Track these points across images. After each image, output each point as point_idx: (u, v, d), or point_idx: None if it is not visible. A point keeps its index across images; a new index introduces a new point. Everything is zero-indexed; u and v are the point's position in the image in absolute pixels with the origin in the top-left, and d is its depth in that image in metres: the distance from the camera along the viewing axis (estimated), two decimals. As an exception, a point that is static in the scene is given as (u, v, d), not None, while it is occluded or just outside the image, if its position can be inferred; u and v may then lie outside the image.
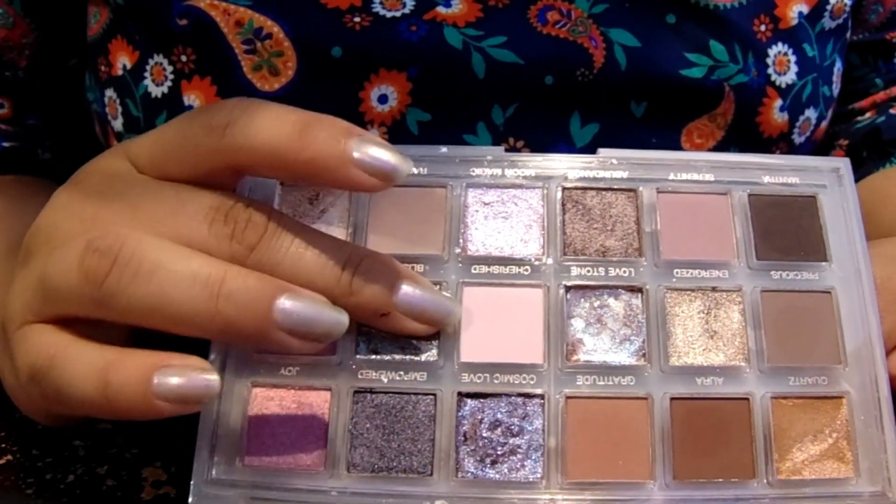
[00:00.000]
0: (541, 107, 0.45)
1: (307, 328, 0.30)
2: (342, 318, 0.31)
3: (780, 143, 0.48)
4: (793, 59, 0.48)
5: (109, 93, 0.48)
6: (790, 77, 0.48)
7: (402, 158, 0.32)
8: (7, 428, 0.40)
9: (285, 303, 0.30)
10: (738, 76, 0.46)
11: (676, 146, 0.46)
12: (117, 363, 0.30)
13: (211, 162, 0.32)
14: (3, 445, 0.39)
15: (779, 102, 0.47)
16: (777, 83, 0.47)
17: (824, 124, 0.51)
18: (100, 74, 0.49)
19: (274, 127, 0.31)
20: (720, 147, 0.47)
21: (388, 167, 0.31)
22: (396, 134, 0.45)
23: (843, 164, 0.37)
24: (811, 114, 0.49)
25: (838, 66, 0.52)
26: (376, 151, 0.31)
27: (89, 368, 0.30)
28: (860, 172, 0.55)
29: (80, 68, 0.53)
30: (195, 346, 0.32)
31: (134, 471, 0.38)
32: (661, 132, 0.46)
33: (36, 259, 0.33)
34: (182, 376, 0.30)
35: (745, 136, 0.47)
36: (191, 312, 0.30)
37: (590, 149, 0.44)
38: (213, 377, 0.30)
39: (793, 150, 0.49)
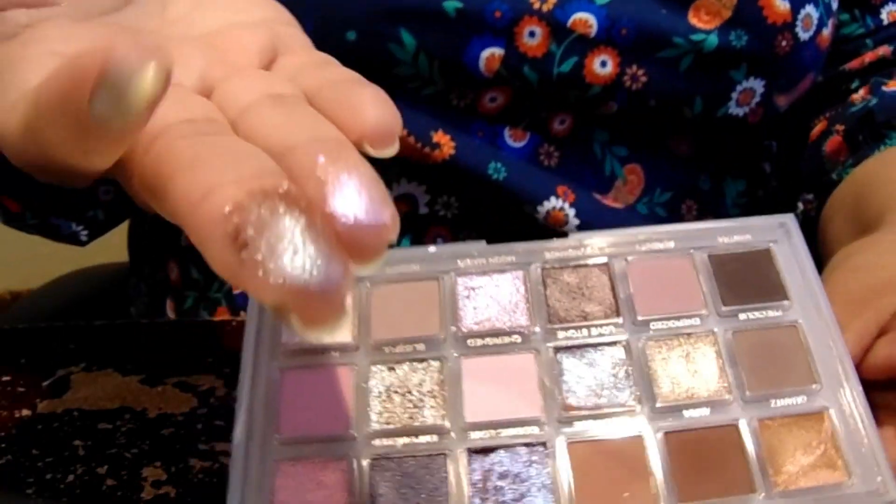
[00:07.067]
0: None
1: None
2: None
3: (786, 32, 0.51)
4: None
5: None
6: None
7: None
8: (7, 428, 0.39)
9: None
10: None
11: (684, 21, 0.50)
12: None
13: None
14: (3, 445, 0.39)
15: None
16: None
17: (826, 32, 0.54)
18: None
19: None
20: (727, 27, 0.50)
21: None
22: None
23: (788, 219, 0.42)
24: (811, 10, 0.52)
25: None
26: None
27: None
28: (858, 156, 0.55)
29: None
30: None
31: (134, 471, 0.37)
32: (669, 5, 0.49)
33: None
34: None
35: (751, 20, 0.50)
36: None
37: (609, 20, 0.49)
38: None
39: (798, 45, 0.52)
